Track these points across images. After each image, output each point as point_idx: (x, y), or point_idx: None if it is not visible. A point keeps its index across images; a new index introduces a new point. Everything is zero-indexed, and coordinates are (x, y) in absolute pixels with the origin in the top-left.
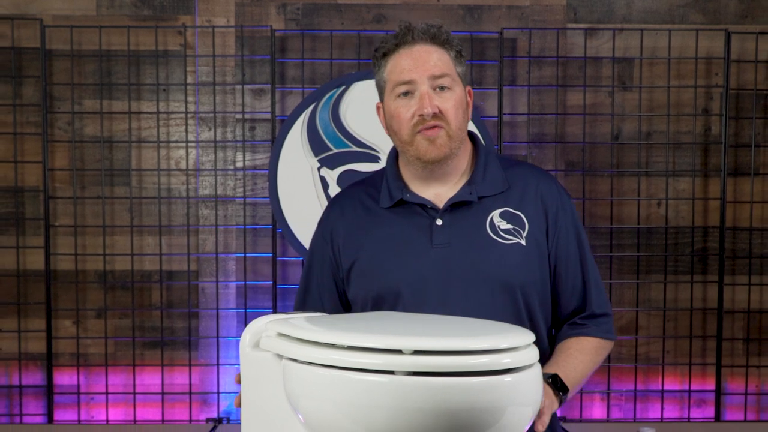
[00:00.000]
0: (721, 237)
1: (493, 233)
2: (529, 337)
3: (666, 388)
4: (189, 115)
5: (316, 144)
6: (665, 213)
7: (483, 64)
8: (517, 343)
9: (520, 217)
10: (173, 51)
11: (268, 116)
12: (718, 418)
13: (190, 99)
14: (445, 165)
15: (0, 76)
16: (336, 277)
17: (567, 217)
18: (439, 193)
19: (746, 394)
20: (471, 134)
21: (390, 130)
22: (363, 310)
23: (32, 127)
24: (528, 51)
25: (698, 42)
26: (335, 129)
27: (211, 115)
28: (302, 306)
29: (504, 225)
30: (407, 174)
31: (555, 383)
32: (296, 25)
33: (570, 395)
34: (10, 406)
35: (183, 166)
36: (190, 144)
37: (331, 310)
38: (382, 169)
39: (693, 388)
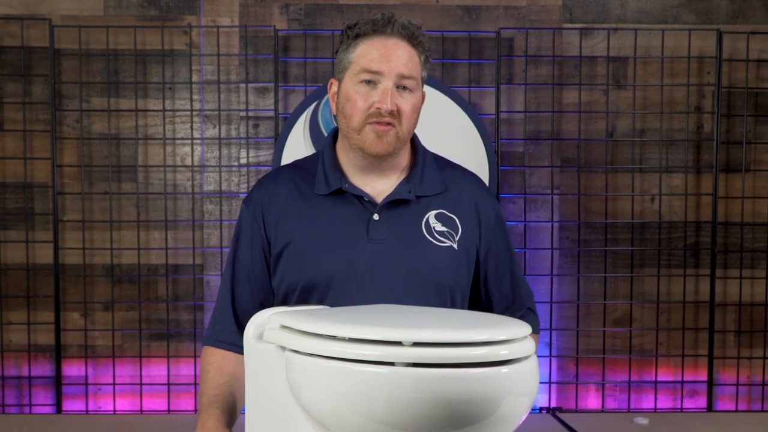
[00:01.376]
0: (713, 232)
1: (428, 234)
2: (526, 329)
3: (659, 379)
4: (194, 113)
5: (318, 140)
6: (659, 208)
7: (481, 63)
8: (514, 335)
9: (455, 220)
10: (179, 50)
11: (272, 114)
12: (710, 408)
13: (195, 97)
14: (385, 162)
15: (10, 75)
16: (267, 261)
17: (498, 223)
18: (376, 186)
19: (737, 384)
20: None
21: (340, 112)
22: (288, 297)
23: (41, 125)
24: (525, 50)
25: (691, 41)
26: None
27: (216, 112)
28: (230, 299)
29: (439, 227)
30: (345, 162)
31: None
32: (299, 25)
33: None
34: (19, 397)
35: (188, 162)
36: (195, 141)
37: (263, 299)
38: (315, 155)
39: (686, 379)
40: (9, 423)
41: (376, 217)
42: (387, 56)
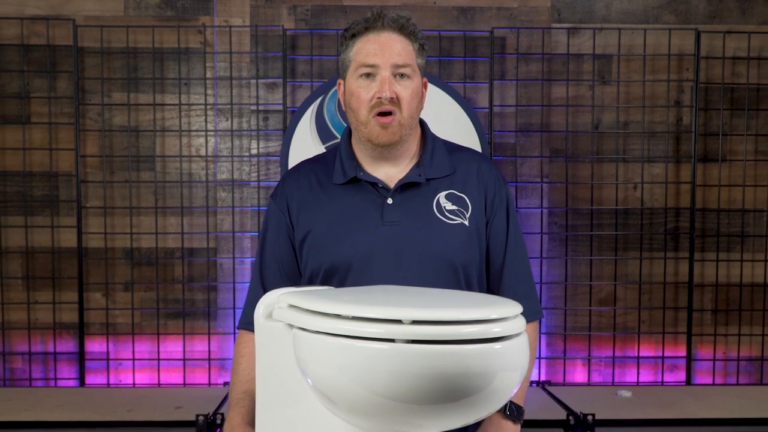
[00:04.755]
0: (692, 217)
1: (439, 213)
2: (517, 308)
3: (641, 354)
4: (208, 107)
5: (323, 132)
6: (641, 195)
7: (475, 60)
8: (506, 313)
9: (464, 199)
10: (194, 48)
11: (280, 108)
12: (689, 381)
13: (209, 92)
14: (395, 149)
15: (36, 72)
16: (294, 245)
17: (502, 200)
18: (389, 173)
19: (714, 360)
20: (420, 121)
21: (348, 108)
22: (313, 280)
23: (66, 118)
24: (516, 48)
25: (671, 40)
26: (341, 119)
27: (229, 106)
28: (260, 283)
29: (449, 206)
30: (360, 153)
31: (511, 412)
32: (306, 25)
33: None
34: (45, 371)
35: (203, 152)
36: (209, 133)
37: (291, 283)
38: (334, 148)
39: (666, 354)
40: (36, 395)
41: (389, 201)
42: (381, 49)
